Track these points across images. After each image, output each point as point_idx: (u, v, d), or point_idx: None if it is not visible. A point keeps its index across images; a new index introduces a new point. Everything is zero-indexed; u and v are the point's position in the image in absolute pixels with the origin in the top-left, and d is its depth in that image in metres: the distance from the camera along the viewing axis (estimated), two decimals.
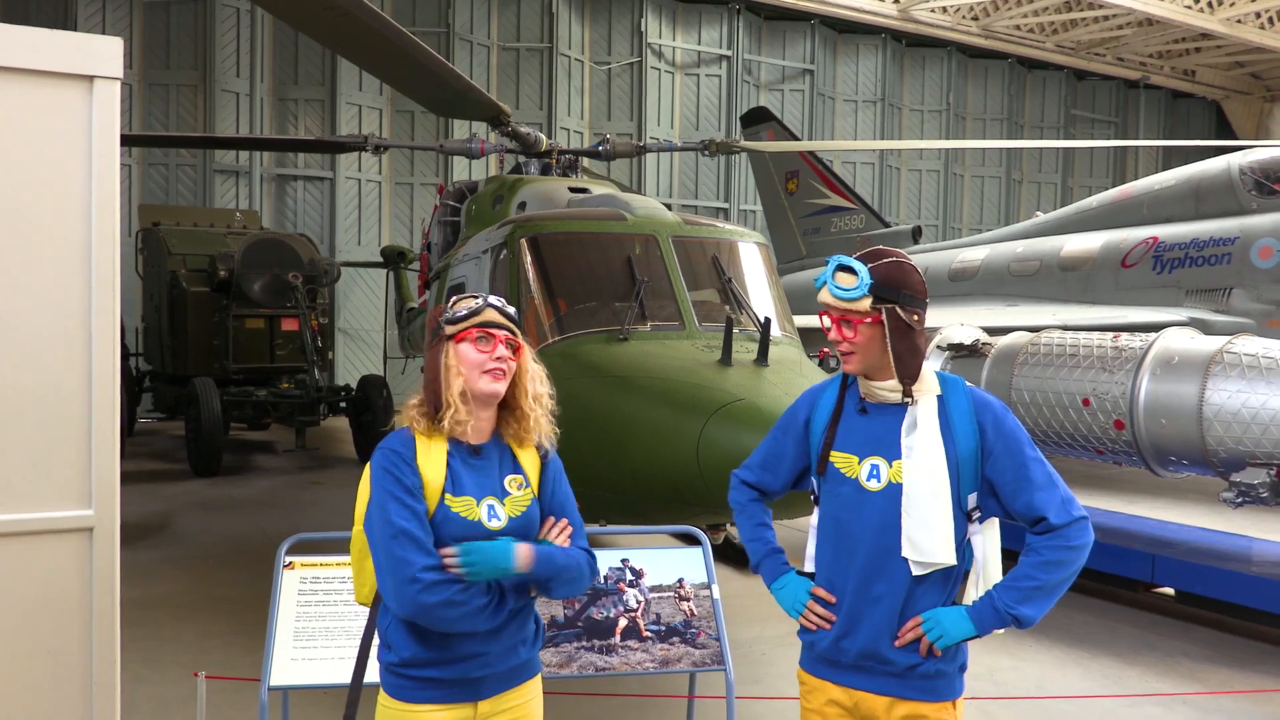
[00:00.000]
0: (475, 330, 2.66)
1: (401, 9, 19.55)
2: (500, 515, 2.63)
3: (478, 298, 2.72)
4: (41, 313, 3.06)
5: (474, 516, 2.60)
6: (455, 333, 2.67)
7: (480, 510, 2.61)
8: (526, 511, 2.68)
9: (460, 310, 2.70)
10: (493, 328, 2.66)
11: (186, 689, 4.82)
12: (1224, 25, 23.19)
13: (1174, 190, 12.99)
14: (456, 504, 2.59)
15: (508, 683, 2.67)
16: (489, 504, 2.63)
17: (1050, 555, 2.55)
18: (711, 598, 4.49)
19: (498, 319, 2.68)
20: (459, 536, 2.56)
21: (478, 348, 2.64)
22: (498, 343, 2.66)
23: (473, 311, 2.68)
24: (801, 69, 23.52)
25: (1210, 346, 6.74)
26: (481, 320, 2.66)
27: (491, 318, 2.67)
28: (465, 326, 2.66)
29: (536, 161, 8.71)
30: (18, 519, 3.01)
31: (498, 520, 2.62)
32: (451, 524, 2.57)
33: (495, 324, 2.67)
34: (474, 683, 2.61)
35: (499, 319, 2.68)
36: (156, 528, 9.46)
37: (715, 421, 4.55)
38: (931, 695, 2.64)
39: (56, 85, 3.06)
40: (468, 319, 2.67)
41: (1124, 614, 7.21)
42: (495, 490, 2.66)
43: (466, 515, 2.59)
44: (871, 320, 2.61)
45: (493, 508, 2.63)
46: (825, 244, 18.84)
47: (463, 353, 2.65)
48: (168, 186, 18.43)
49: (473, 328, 2.66)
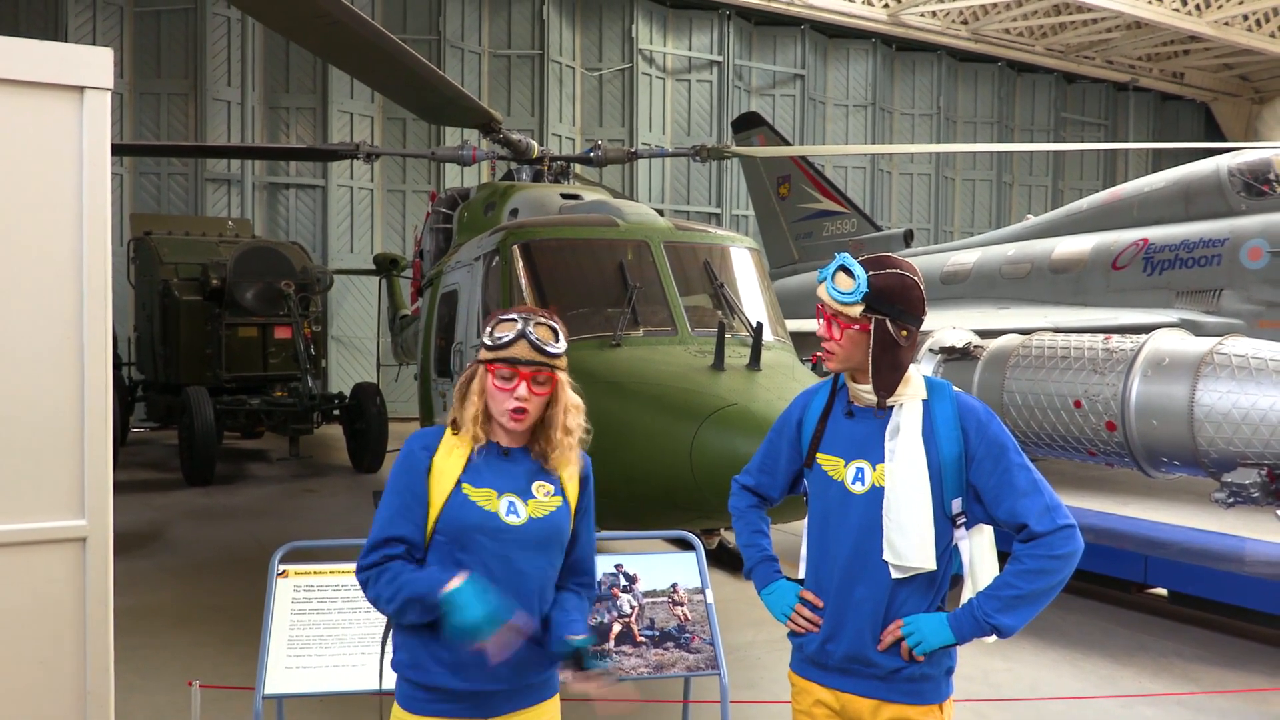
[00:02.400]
0: (501, 366, 2.58)
1: (392, 17, 19.57)
2: (520, 513, 2.58)
3: (518, 321, 2.60)
4: (33, 323, 3.05)
5: (492, 508, 2.55)
6: (485, 360, 2.60)
7: (500, 504, 2.56)
8: (552, 516, 2.62)
9: (496, 337, 2.60)
10: (521, 364, 2.56)
11: (181, 698, 4.81)
12: (1212, 28, 23.30)
13: (1164, 192, 13.04)
14: (475, 494, 2.56)
15: (521, 701, 2.62)
16: (510, 500, 2.58)
17: (1032, 564, 2.51)
18: (705, 602, 4.50)
19: (526, 354, 2.57)
20: (476, 525, 2.53)
21: (497, 385, 2.58)
22: (521, 380, 2.57)
23: (501, 344, 2.59)
24: (792, 74, 23.57)
25: (1201, 348, 6.77)
26: (507, 356, 2.57)
27: (519, 353, 2.56)
28: (492, 359, 2.59)
29: (528, 168, 8.71)
30: (11, 529, 3.01)
31: (516, 516, 2.57)
32: (468, 511, 2.54)
33: (522, 360, 2.56)
34: (484, 698, 2.56)
35: (528, 354, 2.57)
36: (150, 537, 9.44)
37: (708, 426, 4.56)
38: (917, 699, 2.64)
39: (47, 96, 3.06)
40: (495, 351, 2.59)
41: (1117, 615, 7.23)
42: (520, 490, 2.61)
43: (485, 505, 2.55)
44: (859, 327, 2.62)
45: (513, 504, 2.58)
46: (817, 248, 18.88)
47: (489, 383, 2.60)
48: (159, 195, 18.41)
49: (500, 363, 2.58)
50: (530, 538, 2.59)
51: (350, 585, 4.23)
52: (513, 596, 2.53)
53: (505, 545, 2.56)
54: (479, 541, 2.55)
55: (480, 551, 2.54)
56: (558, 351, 2.62)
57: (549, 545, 2.64)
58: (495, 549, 2.55)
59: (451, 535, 2.56)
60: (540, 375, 2.58)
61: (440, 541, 2.58)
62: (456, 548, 2.55)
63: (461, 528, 2.54)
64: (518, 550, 2.57)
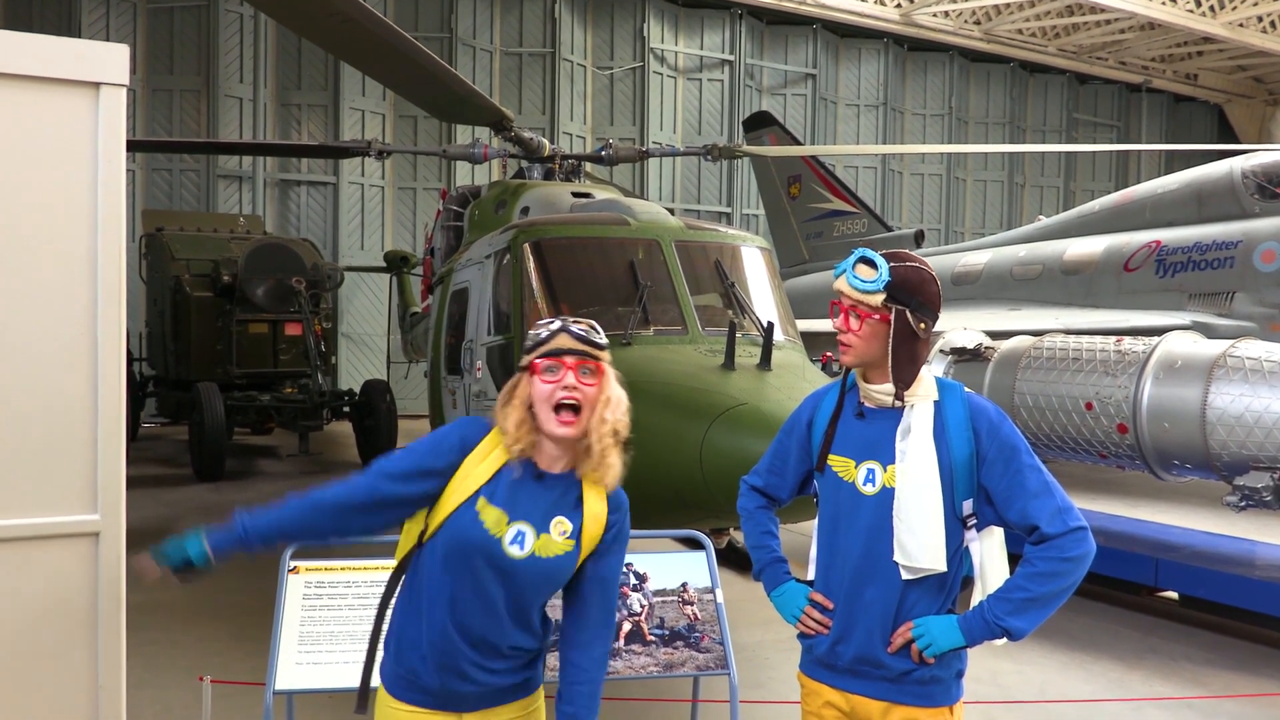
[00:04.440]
0: (544, 360, 2.50)
1: (404, 14, 19.60)
2: (525, 545, 2.47)
3: (555, 321, 2.55)
4: (47, 318, 3.06)
5: (498, 533, 2.46)
6: (527, 364, 2.53)
7: (508, 531, 2.46)
8: (558, 560, 2.51)
9: (536, 335, 2.54)
10: (565, 354, 2.49)
11: (191, 693, 4.83)
12: (1226, 29, 23.20)
13: (1176, 194, 13.00)
14: (487, 512, 2.47)
15: (496, 700, 2.57)
16: (520, 529, 2.48)
17: (1043, 566, 2.49)
18: (715, 602, 4.49)
19: (569, 344, 2.50)
20: (477, 546, 2.45)
21: (543, 378, 2.49)
22: (567, 370, 2.48)
23: (541, 340, 2.52)
24: (804, 73, 23.54)
25: (1213, 350, 6.74)
26: (551, 348, 2.50)
27: (562, 344, 2.50)
28: (534, 357, 2.51)
29: (539, 166, 8.72)
30: (24, 524, 3.02)
31: (519, 549, 2.47)
32: (471, 530, 2.45)
33: (566, 350, 2.49)
34: (456, 697, 2.52)
35: (570, 344, 2.50)
36: (160, 532, 9.36)
37: (718, 426, 4.56)
38: (927, 701, 2.63)
39: (62, 92, 3.07)
40: (537, 348, 2.52)
41: (1127, 618, 7.20)
42: (536, 522, 2.49)
43: (492, 530, 2.45)
44: (879, 318, 2.62)
45: (522, 534, 2.47)
46: (827, 248, 18.85)
47: (534, 385, 2.50)
48: (171, 192, 18.47)
49: (542, 357, 2.50)
50: (526, 573, 2.49)
51: (361, 581, 4.24)
52: (484, 615, 2.48)
53: (497, 572, 2.47)
54: (473, 563, 2.47)
55: (471, 572, 2.47)
56: (602, 341, 2.55)
57: (541, 585, 2.54)
58: (487, 574, 2.47)
59: (449, 547, 2.49)
60: (587, 364, 2.50)
61: (435, 546, 2.52)
62: (452, 559, 2.49)
63: (460, 544, 2.47)
64: (507, 578, 2.48)
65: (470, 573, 2.47)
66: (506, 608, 2.50)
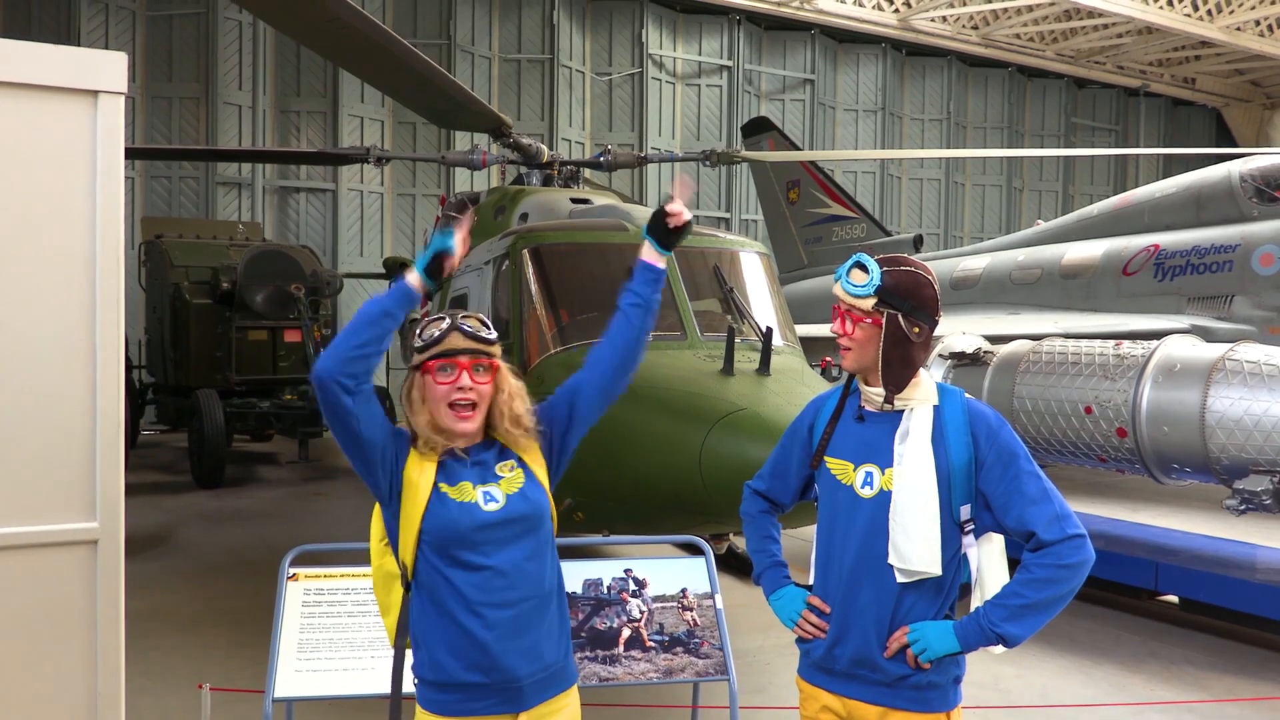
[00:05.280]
0: (438, 360, 2.55)
1: (403, 21, 19.61)
2: (497, 497, 2.57)
3: (445, 319, 2.59)
4: (46, 326, 3.07)
5: (470, 499, 2.54)
6: (420, 363, 2.58)
7: (477, 494, 2.56)
8: (522, 490, 2.61)
9: (427, 335, 2.57)
10: (459, 354, 2.54)
11: (190, 701, 4.82)
12: (1223, 33, 23.23)
13: (1175, 198, 12.99)
14: (452, 491, 2.55)
15: (546, 691, 2.61)
16: (485, 490, 2.57)
17: (1040, 573, 2.50)
18: (715, 607, 4.49)
19: (462, 343, 2.55)
20: (457, 521, 2.51)
21: (438, 379, 2.55)
22: (461, 370, 2.55)
23: (433, 340, 2.56)
24: (802, 79, 23.56)
25: (1212, 354, 6.74)
26: (442, 349, 2.54)
27: (454, 344, 2.54)
28: (427, 357, 2.56)
29: (538, 172, 8.72)
30: (23, 531, 3.02)
31: (494, 502, 2.56)
32: (448, 507, 2.52)
33: (459, 349, 2.55)
34: (511, 691, 2.55)
35: (464, 343, 2.55)
36: (159, 539, 9.46)
37: (718, 431, 4.56)
38: (924, 706, 2.63)
39: (61, 100, 3.07)
40: (427, 349, 2.56)
41: (1127, 621, 7.20)
42: (490, 477, 2.60)
43: (461, 499, 2.54)
44: (872, 321, 2.63)
45: (489, 492, 2.57)
46: (826, 253, 18.85)
47: (428, 385, 2.57)
48: (170, 199, 18.47)
49: (434, 358, 2.56)
50: (510, 518, 2.57)
51: (360, 589, 4.24)
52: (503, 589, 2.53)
53: (489, 536, 2.54)
54: (469, 539, 2.53)
55: (471, 549, 2.53)
56: (492, 338, 2.61)
57: (532, 531, 2.61)
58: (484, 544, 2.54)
59: (440, 540, 2.53)
60: (480, 362, 2.57)
61: (427, 551, 2.55)
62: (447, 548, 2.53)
63: (447, 528, 2.52)
64: (498, 535, 2.56)
65: (472, 550, 2.53)
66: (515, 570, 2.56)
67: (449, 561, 2.54)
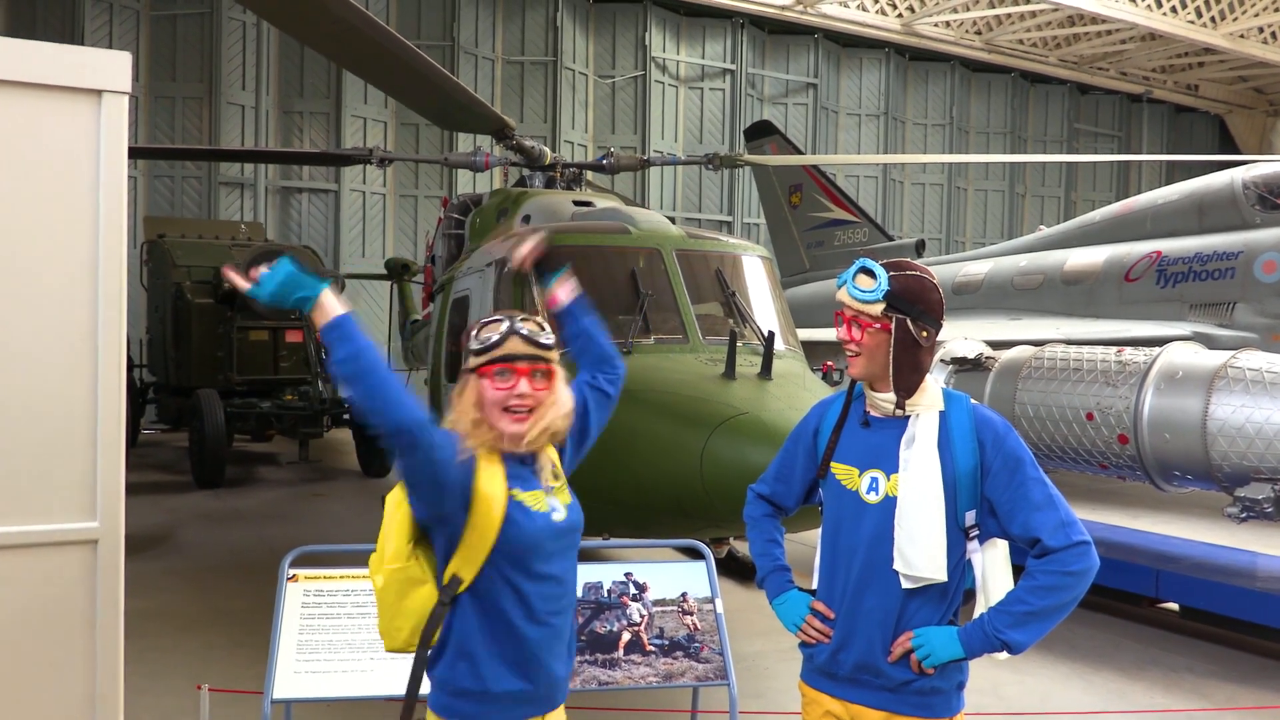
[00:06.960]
0: (496, 365, 2.47)
1: (406, 23, 19.64)
2: (557, 506, 2.55)
3: (504, 321, 2.51)
4: (48, 325, 3.07)
5: (544, 508, 2.51)
6: (477, 365, 2.49)
7: (546, 503, 2.53)
8: (574, 499, 2.62)
9: (484, 339, 2.50)
10: (517, 360, 2.47)
11: (189, 701, 4.82)
12: (1227, 40, 23.24)
13: (1177, 205, 12.99)
14: (528, 498, 2.50)
15: (560, 697, 2.63)
16: (550, 500, 2.54)
17: (1045, 580, 2.49)
18: (715, 612, 4.49)
19: (522, 349, 2.47)
20: (540, 531, 2.48)
21: (495, 384, 2.46)
22: (519, 377, 2.47)
23: (491, 344, 2.48)
24: (805, 83, 23.58)
25: (1214, 361, 6.73)
26: (502, 354, 2.46)
27: (513, 349, 2.46)
28: (485, 361, 2.48)
29: (540, 175, 8.72)
30: (23, 530, 3.02)
31: (558, 511, 2.54)
32: (531, 518, 2.47)
33: (519, 355, 2.47)
34: (548, 694, 2.56)
35: (523, 349, 2.47)
36: (159, 539, 9.45)
37: (719, 435, 4.56)
38: (927, 712, 2.62)
39: (65, 99, 3.07)
40: (486, 352, 2.48)
41: (1128, 629, 7.19)
42: (544, 484, 2.57)
43: (538, 509, 2.50)
44: (880, 326, 2.62)
45: (552, 503, 2.55)
46: (828, 257, 18.86)
47: (483, 389, 2.48)
48: (173, 199, 18.49)
49: (493, 363, 2.47)
50: (574, 531, 2.60)
51: (360, 590, 4.23)
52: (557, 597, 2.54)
53: (558, 544, 2.55)
54: (545, 549, 2.50)
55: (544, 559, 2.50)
56: (550, 342, 2.54)
57: (578, 539, 2.65)
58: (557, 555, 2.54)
59: (518, 548, 2.46)
60: (538, 369, 2.50)
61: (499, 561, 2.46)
62: (524, 558, 2.47)
63: (528, 536, 2.46)
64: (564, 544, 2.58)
65: (545, 560, 2.51)
66: (569, 578, 2.61)
67: (523, 572, 2.48)
